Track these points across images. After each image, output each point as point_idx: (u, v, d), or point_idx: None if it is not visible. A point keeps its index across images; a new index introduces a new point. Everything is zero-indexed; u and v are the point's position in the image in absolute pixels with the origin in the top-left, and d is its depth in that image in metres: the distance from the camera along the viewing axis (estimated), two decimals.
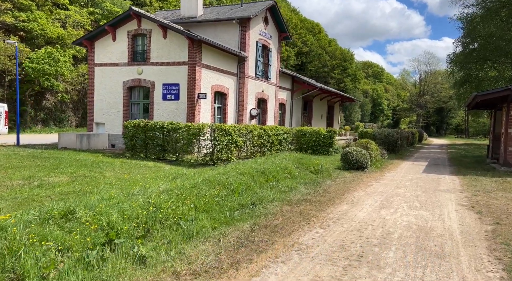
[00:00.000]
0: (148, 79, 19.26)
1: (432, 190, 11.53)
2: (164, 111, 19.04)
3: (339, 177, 13.41)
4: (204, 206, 6.76)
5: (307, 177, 12.24)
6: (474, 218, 7.97)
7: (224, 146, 15.10)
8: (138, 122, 16.04)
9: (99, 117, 20.48)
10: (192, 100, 18.34)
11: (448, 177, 14.91)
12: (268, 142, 18.72)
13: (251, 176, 9.90)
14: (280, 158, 14.83)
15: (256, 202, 7.94)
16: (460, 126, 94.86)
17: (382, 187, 11.69)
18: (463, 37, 34.05)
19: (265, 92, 24.97)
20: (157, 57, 19.08)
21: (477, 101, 16.37)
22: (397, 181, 13.15)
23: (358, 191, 10.88)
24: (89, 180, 10.24)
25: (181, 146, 15.54)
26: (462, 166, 19.03)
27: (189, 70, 18.32)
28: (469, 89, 35.27)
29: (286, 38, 27.50)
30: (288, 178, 11.13)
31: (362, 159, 15.31)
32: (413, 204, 9.20)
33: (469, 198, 10.30)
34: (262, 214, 7.27)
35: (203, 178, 8.28)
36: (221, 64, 20.38)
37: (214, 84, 19.85)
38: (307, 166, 14.13)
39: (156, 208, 5.87)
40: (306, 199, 9.14)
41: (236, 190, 8.22)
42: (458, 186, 12.45)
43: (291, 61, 72.23)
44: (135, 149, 16.35)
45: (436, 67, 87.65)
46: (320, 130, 21.27)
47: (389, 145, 23.54)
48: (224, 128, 15.00)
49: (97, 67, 20.36)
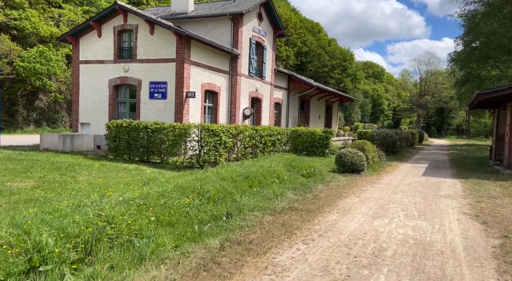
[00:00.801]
0: (134, 77, 18.39)
1: (432, 195, 10.64)
2: (151, 111, 18.16)
3: (333, 181, 12.53)
4: (169, 219, 5.88)
5: (297, 181, 11.35)
6: (479, 230, 7.08)
7: (212, 147, 14.22)
8: (121, 122, 15.16)
9: (84, 117, 19.61)
10: (180, 99, 17.46)
11: (449, 180, 14.02)
12: (261, 143, 17.85)
13: (233, 181, 9.02)
14: (270, 160, 13.96)
15: (234, 212, 7.05)
16: (461, 127, 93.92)
17: (378, 193, 10.80)
18: (464, 35, 33.10)
19: (259, 91, 24.09)
20: (144, 54, 18.20)
21: (479, 100, 15.48)
22: (395, 186, 12.26)
23: (351, 197, 9.99)
24: (57, 186, 9.36)
25: (166, 147, 14.67)
26: (464, 169, 18.13)
27: (177, 68, 17.44)
28: (470, 88, 34.33)
29: (281, 36, 26.61)
30: (275, 183, 10.24)
31: (358, 161, 14.42)
32: (410, 213, 8.31)
33: (473, 205, 9.41)
34: (238, 227, 6.39)
35: (175, 185, 7.40)
36: (212, 62, 19.50)
37: (204, 82, 18.96)
38: (299, 169, 13.25)
39: (107, 223, 4.99)
40: (292, 207, 8.25)
41: (212, 198, 7.34)
42: (460, 191, 11.56)
43: (291, 61, 71.38)
44: (118, 150, 15.48)
45: (437, 67, 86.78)
46: (316, 131, 20.40)
47: (387, 146, 22.65)
48: (212, 128, 14.12)
49: (82, 64, 19.48)
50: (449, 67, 37.19)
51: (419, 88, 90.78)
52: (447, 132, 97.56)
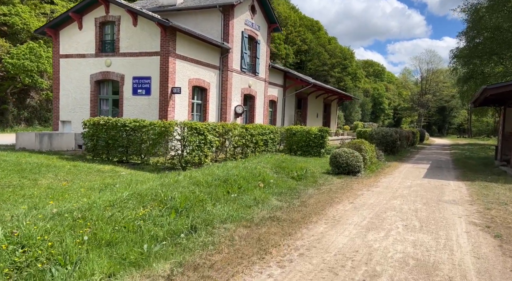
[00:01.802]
0: (117, 72, 17.25)
1: (435, 201, 9.50)
2: (135, 108, 17.03)
3: (325, 184, 11.39)
4: (111, 237, 4.74)
5: (285, 185, 10.21)
6: (492, 247, 5.95)
7: (195, 147, 13.08)
8: (98, 120, 14.03)
9: (65, 115, 18.48)
10: (165, 95, 16.33)
11: (453, 183, 12.87)
12: (251, 143, 16.72)
13: (208, 186, 7.88)
14: (258, 161, 12.83)
15: (200, 225, 5.91)
16: (462, 126, 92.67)
17: (375, 198, 9.66)
18: (467, 30, 31.87)
19: (253, 87, 22.94)
20: (127, 47, 17.06)
21: (486, 96, 14.33)
22: (393, 189, 11.12)
23: (344, 203, 8.85)
24: (9, 191, 8.22)
25: (147, 147, 13.54)
26: (468, 170, 16.98)
27: (162, 61, 16.30)
28: (473, 86, 33.14)
29: (276, 30, 25.43)
30: (258, 188, 9.10)
31: (354, 162, 13.28)
32: (411, 223, 7.17)
33: (482, 213, 8.27)
34: (200, 245, 5.25)
35: (132, 192, 6.26)
36: (200, 56, 18.36)
37: (192, 78, 17.83)
38: (289, 171, 12.12)
39: (19, 245, 3.86)
40: (273, 216, 7.11)
41: (177, 208, 6.21)
42: (466, 196, 10.41)
43: (290, 59, 70.22)
44: (96, 150, 14.34)
45: (438, 65, 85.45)
46: (311, 129, 19.26)
47: (387, 145, 21.50)
48: (196, 126, 12.98)
49: (62, 59, 18.35)
50: (451, 64, 36.01)
51: (420, 87, 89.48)
52: (449, 131, 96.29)
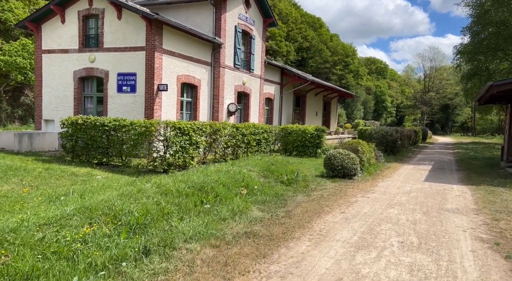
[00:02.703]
0: (101, 68, 16.35)
1: (436, 209, 8.56)
2: (120, 106, 16.13)
3: (317, 189, 10.46)
4: (31, 268, 3.82)
5: (271, 192, 9.29)
6: (503, 271, 5.01)
7: (180, 148, 12.18)
8: (76, 119, 13.13)
9: (48, 113, 17.59)
10: (151, 92, 15.42)
11: (456, 187, 11.92)
12: (243, 143, 15.81)
13: (179, 195, 6.96)
14: (245, 163, 11.90)
15: (156, 246, 4.99)
16: (466, 124, 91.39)
17: (369, 206, 8.72)
18: (471, 25, 30.76)
19: (247, 85, 22.00)
20: (111, 42, 16.15)
21: (492, 93, 13.35)
22: (391, 195, 10.17)
23: (335, 212, 7.91)
24: None
25: (127, 148, 12.64)
26: (473, 172, 16.01)
27: (147, 57, 15.39)
28: (477, 83, 32.05)
29: (272, 25, 24.42)
30: (239, 195, 8.17)
31: (350, 164, 12.33)
32: (408, 240, 6.23)
33: (489, 225, 7.32)
34: (149, 275, 4.32)
35: (80, 206, 5.35)
36: (190, 51, 17.43)
37: (180, 74, 16.90)
38: (278, 174, 11.19)
39: None
40: (250, 232, 6.19)
41: (133, 225, 5.29)
42: (471, 203, 9.47)
43: (291, 56, 69.22)
44: (75, 151, 13.46)
45: (442, 63, 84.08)
46: (307, 129, 18.32)
47: (387, 145, 20.54)
48: (180, 125, 12.06)
49: (44, 54, 17.45)
50: (455, 60, 34.89)
51: (423, 84, 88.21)
52: (452, 130, 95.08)
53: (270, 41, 63.04)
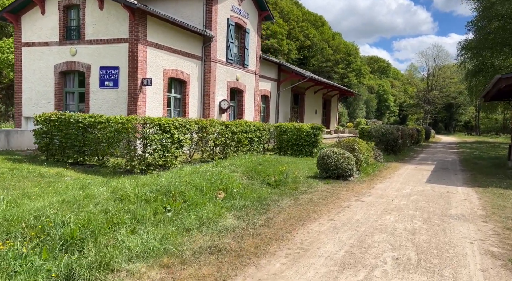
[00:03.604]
0: (83, 62, 15.39)
1: (438, 216, 7.55)
2: (102, 102, 15.18)
3: (307, 192, 9.46)
4: None
5: (254, 195, 8.29)
6: None
7: (160, 147, 11.21)
8: (50, 115, 12.18)
9: (28, 110, 16.65)
10: (134, 87, 14.45)
11: (461, 189, 10.89)
12: (233, 141, 14.83)
13: (137, 201, 5.98)
14: (230, 163, 10.93)
15: (86, 268, 3.99)
16: (470, 123, 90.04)
17: (363, 211, 7.71)
18: (477, 19, 29.59)
19: (241, 81, 20.99)
20: (93, 34, 15.19)
21: (500, 87, 12.30)
22: (389, 199, 9.16)
23: (322, 220, 6.92)
24: None
25: (104, 146, 11.67)
26: (479, 172, 14.96)
27: (130, 49, 14.42)
28: (482, 80, 30.91)
29: (268, 18, 23.39)
30: (214, 200, 7.18)
31: (344, 164, 11.32)
32: (404, 255, 5.23)
33: (501, 236, 6.31)
34: None
35: (2, 215, 4.36)
36: (178, 44, 16.45)
37: (167, 69, 15.93)
38: (265, 175, 10.20)
39: None
40: (216, 246, 5.20)
41: (64, 240, 4.31)
42: (478, 208, 8.44)
43: (293, 55, 68.17)
44: (50, 150, 12.51)
45: (445, 61, 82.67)
46: (302, 127, 17.34)
47: (387, 144, 19.49)
48: (160, 122, 11.10)
49: (24, 47, 16.51)
50: (459, 57, 33.74)
51: (426, 83, 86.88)
52: (455, 129, 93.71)
53: (271, 39, 62.04)
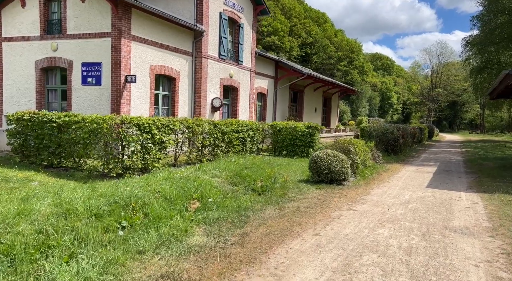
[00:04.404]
0: (64, 58, 14.58)
1: (439, 229, 6.68)
2: (85, 100, 14.37)
3: (295, 199, 8.60)
4: None
5: (234, 204, 7.44)
6: None
7: (140, 149, 10.40)
8: (22, 114, 11.37)
9: (9, 108, 15.81)
10: (117, 84, 13.62)
11: (465, 196, 10.00)
12: (223, 142, 13.98)
13: (87, 216, 5.14)
14: (213, 167, 10.09)
15: None
16: (474, 121, 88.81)
17: (354, 223, 6.85)
18: (482, 13, 28.56)
19: (235, 78, 20.13)
20: (74, 28, 14.37)
21: (507, 83, 11.40)
22: (385, 207, 8.28)
23: (306, 234, 6.06)
24: None
25: (79, 148, 10.85)
26: (484, 174, 14.05)
27: (113, 44, 13.59)
28: (488, 77, 29.90)
29: (263, 12, 22.47)
30: (183, 212, 6.34)
31: (338, 168, 10.45)
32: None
33: (510, 255, 5.43)
34: None
35: None
36: (166, 39, 15.61)
37: (154, 65, 15.09)
38: (251, 180, 9.36)
39: None
40: (171, 274, 4.33)
41: None
42: (483, 218, 7.56)
43: (294, 52, 67.30)
44: (24, 151, 11.71)
45: (449, 58, 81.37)
46: (297, 126, 16.49)
47: (387, 144, 18.59)
48: (139, 122, 10.28)
49: (5, 42, 15.71)
50: (464, 53, 32.75)
51: (430, 81, 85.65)
52: (460, 127, 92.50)
53: (273, 36, 61.12)
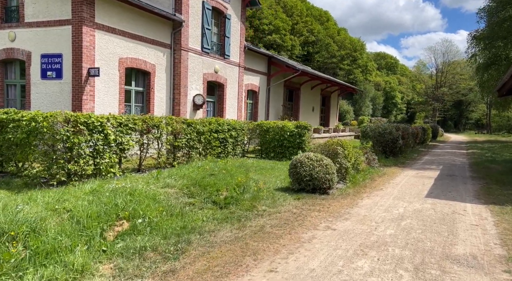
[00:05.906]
0: (22, 48, 13.09)
1: (437, 259, 5.08)
2: (45, 96, 12.86)
3: (265, 215, 7.02)
4: None
5: (177, 224, 5.88)
6: None
7: (89, 152, 8.86)
8: None
9: None
10: (79, 78, 12.10)
11: (471, 208, 8.38)
12: (199, 143, 12.43)
13: None
14: (171, 173, 8.54)
15: None
16: (480, 121, 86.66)
17: (328, 251, 5.26)
18: (489, 5, 26.79)
19: (221, 73, 18.56)
20: (33, 15, 12.87)
21: None
22: (371, 225, 6.68)
23: (257, 272, 4.48)
24: None
25: (18, 150, 9.33)
26: (492, 180, 12.40)
27: (74, 33, 12.07)
28: (495, 74, 28.14)
29: (253, 3, 20.80)
30: (96, 239, 4.78)
31: (322, 174, 8.86)
32: None
33: None
34: None
35: None
36: (139, 29, 14.08)
37: (125, 57, 13.56)
38: (214, 190, 7.79)
39: None
40: None
41: None
42: (495, 241, 5.96)
43: (296, 50, 65.69)
44: None
45: (455, 56, 79.33)
46: (286, 125, 14.94)
47: (385, 146, 16.93)
48: (88, 120, 8.75)
49: None
50: (469, 49, 30.99)
51: (434, 80, 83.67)
52: (465, 127, 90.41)
53: (274, 35, 59.51)
